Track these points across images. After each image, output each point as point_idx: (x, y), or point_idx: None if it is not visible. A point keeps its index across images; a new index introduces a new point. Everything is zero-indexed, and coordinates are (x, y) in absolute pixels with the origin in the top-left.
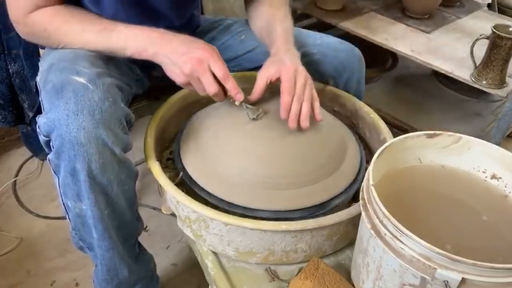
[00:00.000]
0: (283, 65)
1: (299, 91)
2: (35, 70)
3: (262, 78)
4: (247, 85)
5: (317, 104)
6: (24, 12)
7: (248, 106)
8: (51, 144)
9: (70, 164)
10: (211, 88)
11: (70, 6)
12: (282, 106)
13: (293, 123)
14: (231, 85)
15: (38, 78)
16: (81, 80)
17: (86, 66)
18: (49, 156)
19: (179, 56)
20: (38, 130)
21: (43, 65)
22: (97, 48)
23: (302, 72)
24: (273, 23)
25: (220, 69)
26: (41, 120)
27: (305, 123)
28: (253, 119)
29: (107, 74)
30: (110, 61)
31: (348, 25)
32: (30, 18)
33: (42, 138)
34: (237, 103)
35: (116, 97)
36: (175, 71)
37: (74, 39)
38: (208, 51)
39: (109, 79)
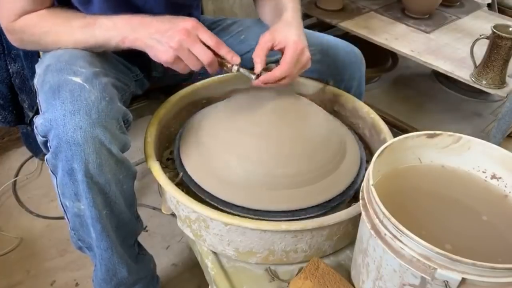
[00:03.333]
0: (291, 40)
1: (294, 74)
2: (35, 70)
3: (266, 41)
4: (246, 86)
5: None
6: (12, 18)
7: (246, 70)
8: (48, 144)
9: (68, 164)
10: (205, 56)
11: (54, 8)
12: (270, 77)
13: (259, 83)
14: (226, 50)
15: (35, 80)
16: (78, 80)
17: (82, 66)
18: (46, 157)
19: (164, 32)
20: (35, 130)
21: (40, 67)
22: (88, 44)
23: (306, 54)
24: (283, 3)
25: (210, 36)
26: (38, 120)
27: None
28: (257, 76)
29: (103, 74)
30: (107, 60)
31: (348, 25)
32: (18, 24)
33: (39, 139)
34: (235, 68)
35: (113, 96)
36: (161, 49)
37: (64, 39)
38: (193, 22)
39: (106, 78)
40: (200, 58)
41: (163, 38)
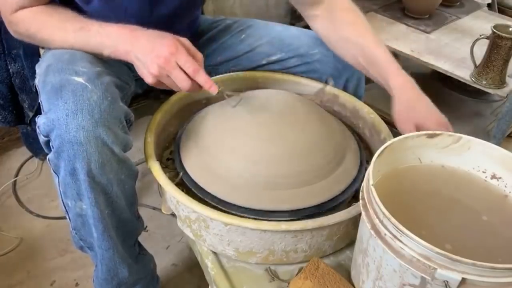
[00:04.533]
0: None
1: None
2: (35, 70)
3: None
4: (246, 86)
5: None
6: (10, 10)
7: (228, 93)
8: (50, 144)
9: (70, 164)
10: (183, 84)
11: (50, 6)
12: None
13: None
14: (202, 80)
15: (36, 81)
16: (80, 79)
17: (84, 66)
18: (48, 156)
19: (146, 55)
20: (37, 130)
21: (40, 66)
22: (83, 48)
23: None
24: (370, 47)
25: (188, 64)
26: (40, 120)
27: None
28: (234, 106)
29: (105, 73)
30: (107, 59)
31: None
32: (15, 17)
33: (41, 138)
34: (214, 93)
35: (115, 96)
36: (144, 72)
37: (59, 41)
38: (173, 47)
39: (108, 78)
40: (178, 85)
41: (146, 60)
